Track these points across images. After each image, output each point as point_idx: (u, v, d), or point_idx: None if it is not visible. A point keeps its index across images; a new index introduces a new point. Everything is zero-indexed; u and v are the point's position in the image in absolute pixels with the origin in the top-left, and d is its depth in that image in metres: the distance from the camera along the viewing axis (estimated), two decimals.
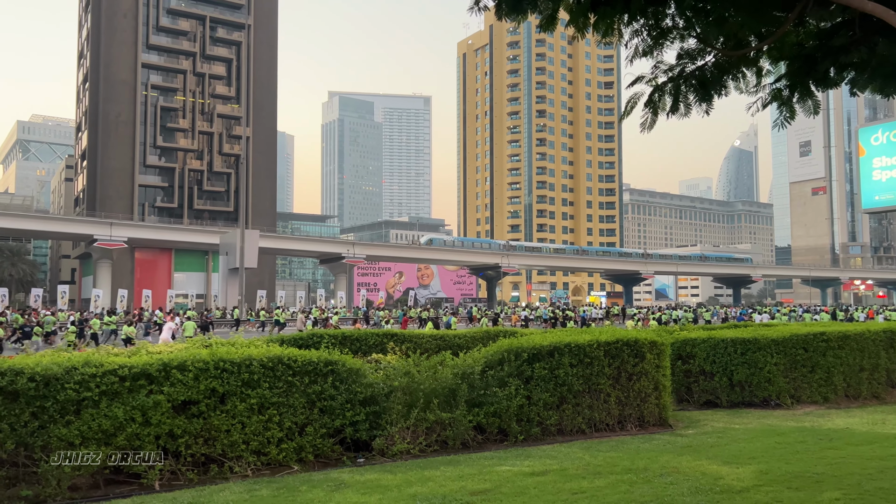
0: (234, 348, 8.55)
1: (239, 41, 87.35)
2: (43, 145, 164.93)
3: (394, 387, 8.86)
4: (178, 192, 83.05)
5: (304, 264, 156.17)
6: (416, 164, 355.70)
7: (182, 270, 79.82)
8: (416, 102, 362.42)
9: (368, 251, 78.98)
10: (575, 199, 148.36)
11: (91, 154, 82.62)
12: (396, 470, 7.46)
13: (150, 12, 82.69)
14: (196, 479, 7.40)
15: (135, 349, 9.29)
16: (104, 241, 62.05)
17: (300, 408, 8.18)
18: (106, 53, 79.66)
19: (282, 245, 75.14)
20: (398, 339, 13.29)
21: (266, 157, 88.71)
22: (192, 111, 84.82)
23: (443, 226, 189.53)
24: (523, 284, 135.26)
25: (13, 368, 6.76)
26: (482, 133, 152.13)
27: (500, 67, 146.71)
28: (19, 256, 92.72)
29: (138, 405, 7.22)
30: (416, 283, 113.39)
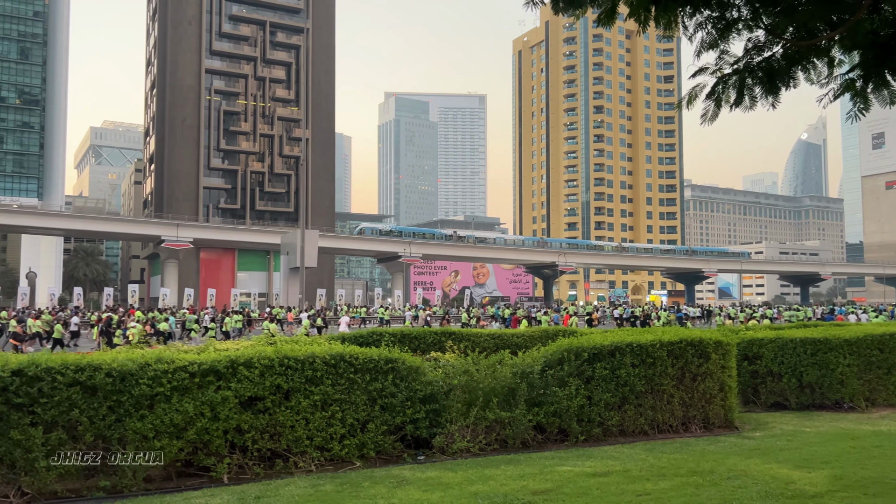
0: (298, 346, 8.73)
1: (298, 45, 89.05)
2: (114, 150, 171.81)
3: (453, 385, 8.90)
4: (240, 194, 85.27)
5: (362, 263, 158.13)
6: (472, 163, 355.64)
7: (245, 270, 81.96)
8: (471, 101, 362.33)
9: (424, 250, 79.38)
10: (634, 196, 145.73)
11: (158, 158, 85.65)
12: (457, 468, 7.49)
13: (213, 19, 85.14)
14: (262, 473, 7.60)
15: (203, 346, 9.59)
16: (171, 241, 64.19)
17: (362, 405, 8.30)
18: (172, 60, 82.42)
19: (340, 244, 76.27)
20: (456, 337, 13.33)
21: (325, 159, 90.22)
22: (254, 114, 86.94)
23: (498, 224, 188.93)
24: (581, 283, 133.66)
25: (92, 364, 7.08)
26: (538, 130, 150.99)
27: (557, 64, 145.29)
28: (93, 257, 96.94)
29: (207, 400, 7.46)
30: (471, 281, 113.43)
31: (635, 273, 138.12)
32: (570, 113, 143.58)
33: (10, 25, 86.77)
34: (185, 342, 26.50)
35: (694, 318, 49.94)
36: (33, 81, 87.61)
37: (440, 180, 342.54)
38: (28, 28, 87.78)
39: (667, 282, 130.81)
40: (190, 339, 31.21)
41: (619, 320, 45.95)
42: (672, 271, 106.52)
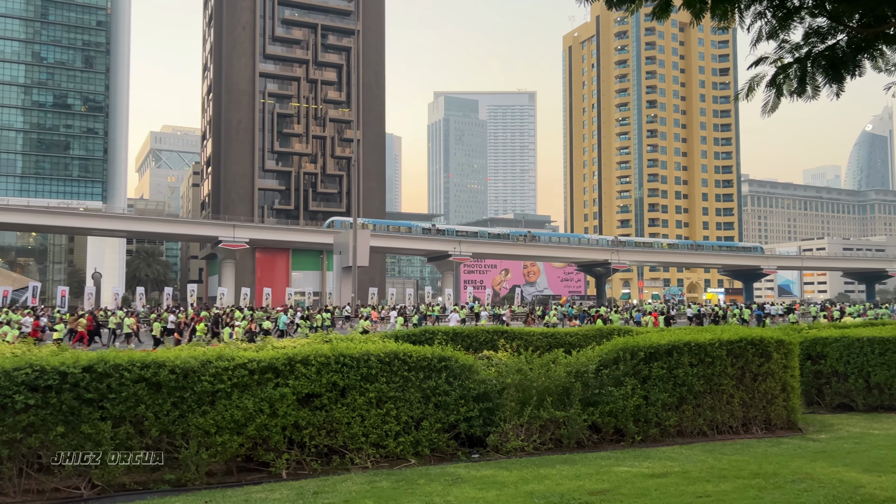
0: (353, 343, 8.85)
1: (349, 47, 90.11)
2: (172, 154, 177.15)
3: (506, 384, 8.88)
4: (294, 195, 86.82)
5: (413, 262, 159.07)
6: (521, 161, 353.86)
7: (299, 269, 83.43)
8: (521, 99, 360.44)
9: (474, 248, 79.35)
10: (689, 192, 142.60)
11: (215, 160, 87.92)
12: (512, 467, 7.47)
13: (266, 24, 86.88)
14: (320, 469, 7.72)
15: (262, 344, 9.81)
16: (228, 242, 65.82)
17: (416, 402, 8.36)
18: (227, 65, 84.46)
19: (391, 244, 76.90)
20: (509, 335, 13.30)
21: (375, 159, 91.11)
22: (306, 116, 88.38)
23: (548, 222, 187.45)
24: (634, 281, 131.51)
25: (156, 361, 7.32)
26: (589, 126, 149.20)
27: (608, 59, 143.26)
28: (154, 257, 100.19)
29: (266, 397, 7.63)
30: (522, 280, 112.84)
31: (691, 271, 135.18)
32: (623, 108, 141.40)
33: (75, 35, 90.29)
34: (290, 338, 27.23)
35: (775, 315, 47.72)
36: (97, 89, 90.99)
37: (489, 179, 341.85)
38: (92, 37, 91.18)
39: (724, 279, 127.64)
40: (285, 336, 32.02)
41: (694, 318, 44.11)
42: (729, 268, 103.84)
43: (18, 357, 7.33)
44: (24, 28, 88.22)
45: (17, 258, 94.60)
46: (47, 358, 7.14)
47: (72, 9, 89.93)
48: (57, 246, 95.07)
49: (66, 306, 49.63)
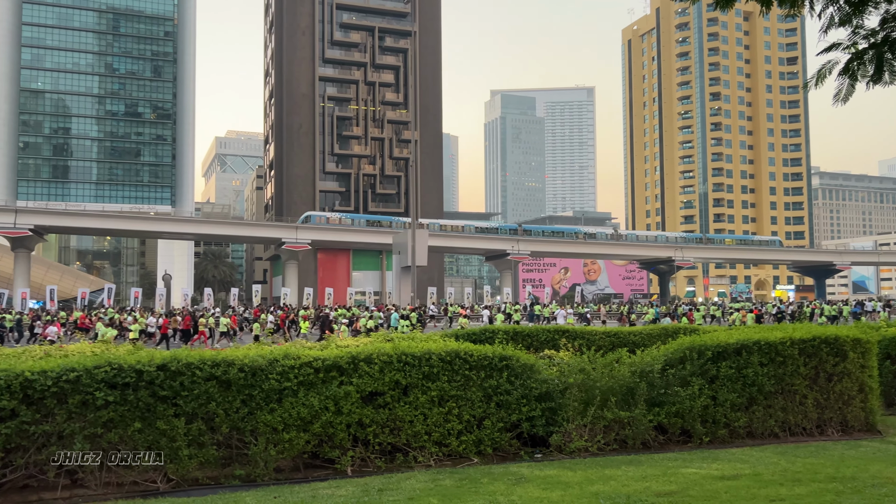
0: (415, 342, 8.92)
1: (405, 48, 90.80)
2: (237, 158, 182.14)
3: (569, 383, 8.79)
4: (353, 196, 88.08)
5: (471, 261, 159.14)
6: (580, 158, 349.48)
7: (359, 269, 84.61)
8: (579, 94, 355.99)
9: (532, 247, 78.75)
10: (756, 186, 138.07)
11: (277, 164, 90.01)
12: (576, 467, 7.40)
13: (325, 28, 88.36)
14: (384, 466, 7.83)
15: (326, 343, 10.00)
16: (291, 243, 67.26)
17: (477, 401, 8.38)
18: (288, 70, 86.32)
19: (449, 243, 77.09)
20: (570, 335, 13.16)
21: (433, 159, 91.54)
22: (365, 119, 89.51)
23: (609, 219, 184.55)
24: (699, 279, 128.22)
25: (226, 360, 7.55)
26: (650, 121, 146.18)
27: (669, 51, 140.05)
28: (220, 259, 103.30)
29: (331, 395, 7.78)
30: (582, 278, 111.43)
31: (759, 267, 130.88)
32: (685, 101, 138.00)
33: (144, 46, 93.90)
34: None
35: (872, 311, 44.79)
36: (165, 97, 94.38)
37: (548, 176, 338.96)
38: (160, 47, 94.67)
39: (794, 276, 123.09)
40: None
41: (778, 316, 41.90)
42: (800, 265, 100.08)
43: (98, 356, 7.68)
44: (98, 41, 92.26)
45: (93, 261, 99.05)
46: (124, 357, 7.46)
47: (141, 21, 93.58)
48: (130, 249, 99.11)
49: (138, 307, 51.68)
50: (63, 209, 62.51)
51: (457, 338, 11.39)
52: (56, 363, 7.18)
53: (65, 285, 65.65)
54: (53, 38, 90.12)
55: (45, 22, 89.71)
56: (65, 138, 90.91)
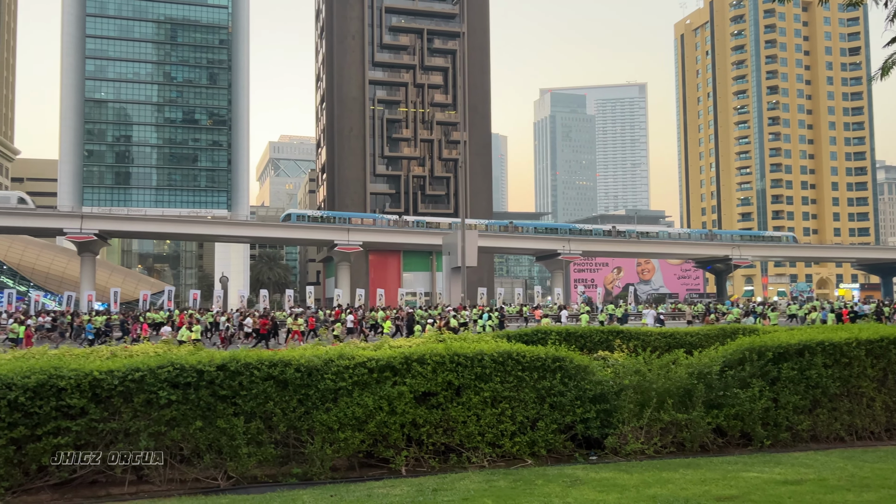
0: (467, 343, 8.93)
1: (454, 50, 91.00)
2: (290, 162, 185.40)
3: (624, 385, 8.67)
4: (403, 198, 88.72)
5: (521, 262, 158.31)
6: (632, 155, 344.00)
7: (410, 270, 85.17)
8: (630, 91, 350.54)
9: (584, 246, 77.86)
10: (817, 182, 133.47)
11: (329, 167, 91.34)
12: (632, 470, 7.29)
13: (375, 32, 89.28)
14: (437, 466, 7.86)
15: (379, 343, 10.09)
16: (343, 245, 68.16)
17: (531, 403, 8.34)
18: (338, 74, 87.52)
19: (499, 243, 76.86)
20: (625, 336, 12.97)
21: (482, 159, 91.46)
22: (414, 121, 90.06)
23: (662, 217, 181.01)
24: (757, 277, 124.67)
25: (283, 360, 7.70)
26: (705, 116, 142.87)
27: (723, 45, 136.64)
28: (275, 261, 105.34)
29: (385, 395, 7.85)
30: (636, 278, 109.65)
31: (820, 265, 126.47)
32: (741, 96, 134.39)
33: (200, 54, 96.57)
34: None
35: None
36: (220, 103, 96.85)
37: (599, 174, 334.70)
38: (215, 55, 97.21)
39: (858, 274, 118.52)
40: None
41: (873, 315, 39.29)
42: (865, 262, 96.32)
43: (161, 356, 7.93)
44: (156, 51, 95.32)
45: (153, 264, 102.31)
46: (186, 357, 7.68)
47: (197, 30, 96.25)
48: (188, 252, 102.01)
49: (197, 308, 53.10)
50: (125, 214, 64.82)
51: (508, 338, 11.36)
52: (122, 363, 7.45)
53: (127, 288, 67.99)
54: (115, 49, 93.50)
55: (107, 34, 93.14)
56: (126, 146, 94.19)
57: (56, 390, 7.02)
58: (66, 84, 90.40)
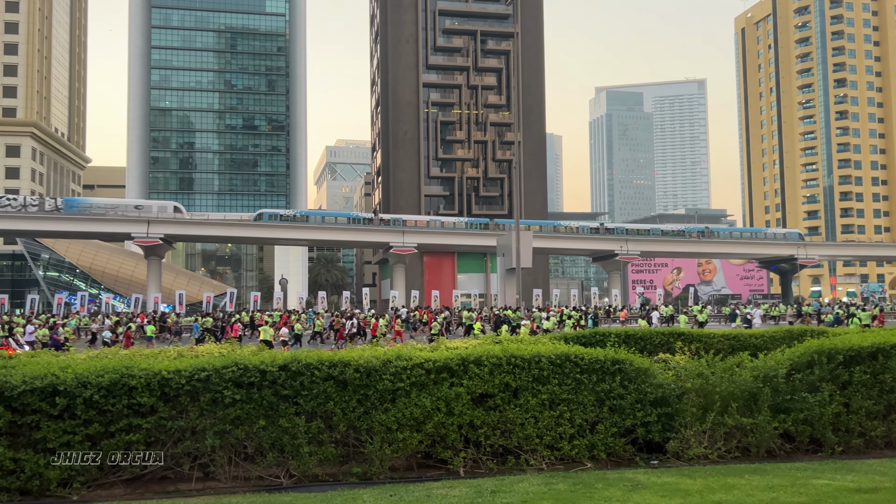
0: (524, 345, 8.89)
1: (507, 50, 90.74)
2: (346, 166, 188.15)
3: (686, 388, 8.49)
4: (457, 200, 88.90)
5: (577, 262, 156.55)
6: (692, 153, 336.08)
7: (464, 272, 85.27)
8: (689, 87, 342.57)
9: (642, 247, 76.47)
10: (889, 178, 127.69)
11: (384, 170, 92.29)
12: (695, 475, 7.12)
13: (428, 35, 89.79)
14: (495, 468, 7.84)
15: (435, 344, 10.13)
16: (398, 247, 68.74)
17: (589, 405, 8.24)
18: (393, 78, 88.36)
19: (554, 244, 76.18)
20: (686, 338, 12.68)
21: (536, 160, 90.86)
22: (467, 122, 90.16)
23: (724, 216, 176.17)
24: (825, 277, 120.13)
25: (343, 361, 7.82)
26: (767, 112, 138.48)
27: (787, 38, 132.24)
28: (332, 264, 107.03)
29: (442, 396, 7.88)
30: (696, 278, 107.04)
31: (893, 264, 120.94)
32: (806, 90, 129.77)
33: (259, 62, 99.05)
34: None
35: None
36: (279, 110, 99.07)
37: (657, 173, 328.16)
38: (273, 62, 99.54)
39: None
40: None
41: None
42: None
43: (225, 356, 8.15)
44: (217, 59, 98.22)
45: (216, 267, 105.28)
46: (249, 357, 7.88)
47: (256, 38, 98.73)
48: (249, 255, 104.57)
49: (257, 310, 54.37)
50: (189, 219, 66.81)
51: (566, 340, 11.25)
52: (189, 363, 7.70)
53: (191, 290, 70.14)
54: (179, 59, 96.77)
55: (171, 45, 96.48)
56: (189, 152, 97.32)
57: (127, 389, 7.30)
58: (133, 94, 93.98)
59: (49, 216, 58.51)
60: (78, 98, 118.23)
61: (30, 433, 7.11)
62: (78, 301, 53.39)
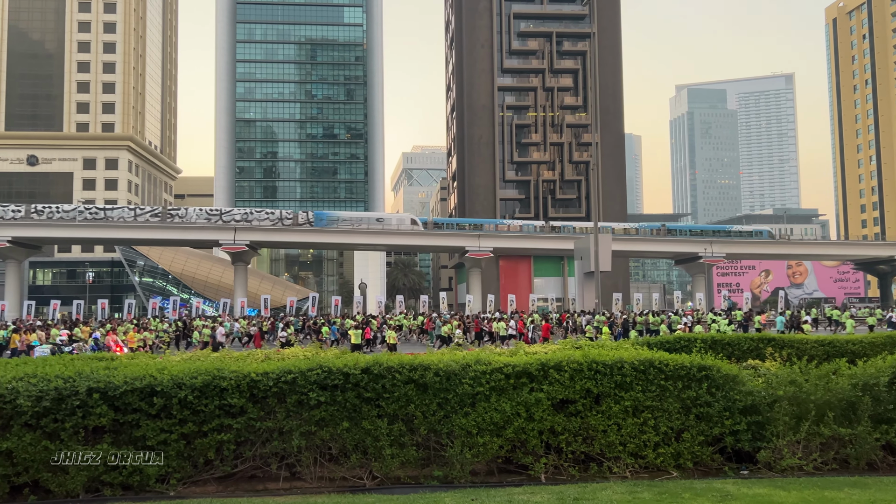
0: (606, 350, 8.74)
1: (583, 51, 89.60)
2: (422, 171, 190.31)
3: (778, 396, 8.14)
4: (533, 203, 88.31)
5: (658, 265, 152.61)
6: (779, 150, 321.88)
7: (540, 276, 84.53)
8: (776, 82, 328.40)
9: (728, 249, 73.74)
10: None
11: (459, 175, 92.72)
12: (789, 487, 6.82)
13: (503, 39, 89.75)
14: (577, 475, 7.74)
15: (514, 349, 10.09)
16: (474, 251, 68.85)
17: (675, 413, 8.02)
18: (468, 83, 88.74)
19: (634, 247, 74.52)
20: (777, 343, 12.15)
21: (614, 161, 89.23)
22: (543, 125, 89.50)
23: (815, 216, 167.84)
24: None
25: (423, 364, 7.91)
26: (863, 106, 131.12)
27: (883, 27, 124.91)
28: (409, 268, 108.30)
29: (522, 401, 7.85)
30: (786, 281, 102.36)
31: None
32: None
33: (338, 72, 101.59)
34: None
35: None
36: (357, 118, 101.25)
37: (742, 172, 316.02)
38: (351, 72, 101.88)
39: None
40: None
41: None
42: None
43: (310, 359, 8.39)
44: (298, 71, 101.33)
45: (298, 272, 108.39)
46: (333, 360, 8.08)
47: (335, 48, 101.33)
48: (330, 260, 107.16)
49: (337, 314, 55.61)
50: (270, 226, 69.06)
51: (650, 346, 10.99)
52: (276, 366, 7.96)
53: (276, 295, 72.44)
54: (262, 71, 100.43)
55: (254, 58, 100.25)
56: (272, 161, 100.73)
57: (219, 390, 7.62)
58: (220, 106, 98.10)
59: (153, 225, 61.87)
60: (169, 112, 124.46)
61: (130, 431, 7.52)
62: (170, 305, 56.02)
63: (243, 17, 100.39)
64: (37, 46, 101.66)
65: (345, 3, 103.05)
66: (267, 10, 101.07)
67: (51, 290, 77.90)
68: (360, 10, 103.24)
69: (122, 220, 61.52)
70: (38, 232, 60.39)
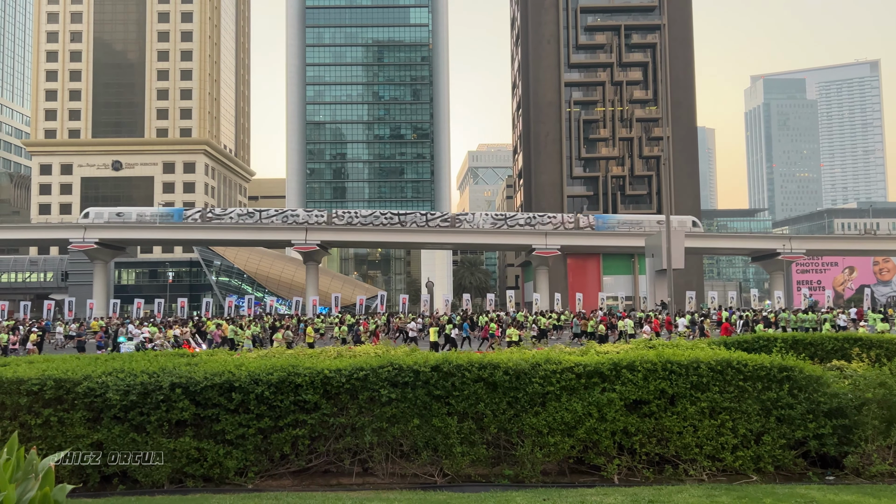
0: (680, 350, 8.52)
1: (653, 43, 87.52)
2: (487, 170, 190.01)
3: (866, 398, 7.75)
4: (602, 200, 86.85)
5: (734, 263, 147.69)
6: (864, 141, 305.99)
7: (610, 274, 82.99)
8: (860, 70, 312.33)
9: (809, 245, 70.59)
10: None
11: (526, 172, 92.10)
12: (880, 494, 6.48)
13: (570, 34, 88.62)
14: (651, 477, 7.57)
15: (585, 348, 9.96)
16: (541, 249, 68.27)
17: (754, 415, 7.75)
18: (534, 79, 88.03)
19: (708, 244, 72.30)
20: (864, 343, 11.56)
21: (687, 155, 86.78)
22: (612, 120, 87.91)
23: None
24: None
25: (492, 363, 7.89)
26: None
27: None
28: (475, 266, 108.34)
29: (594, 401, 7.73)
30: (872, 278, 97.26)
31: None
32: None
33: (404, 73, 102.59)
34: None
35: None
36: (423, 118, 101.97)
37: (823, 165, 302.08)
38: (417, 73, 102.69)
39: None
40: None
41: None
42: None
43: (381, 356, 8.50)
44: (365, 73, 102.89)
45: (367, 271, 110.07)
46: (403, 357, 8.17)
47: (401, 49, 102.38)
48: (397, 259, 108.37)
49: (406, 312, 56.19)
50: (342, 225, 70.42)
51: (727, 345, 10.65)
52: (348, 363, 8.11)
53: (346, 293, 73.78)
54: (331, 74, 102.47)
55: (323, 61, 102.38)
56: (341, 163, 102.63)
57: (294, 386, 7.81)
58: (291, 110, 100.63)
59: (231, 225, 64.25)
60: (242, 116, 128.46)
61: (210, 425, 7.80)
62: (245, 304, 57.84)
63: (312, 21, 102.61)
64: (119, 56, 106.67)
65: (411, 4, 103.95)
66: (335, 14, 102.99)
67: (134, 290, 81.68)
68: (426, 10, 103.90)
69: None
70: (124, 234, 63.63)
